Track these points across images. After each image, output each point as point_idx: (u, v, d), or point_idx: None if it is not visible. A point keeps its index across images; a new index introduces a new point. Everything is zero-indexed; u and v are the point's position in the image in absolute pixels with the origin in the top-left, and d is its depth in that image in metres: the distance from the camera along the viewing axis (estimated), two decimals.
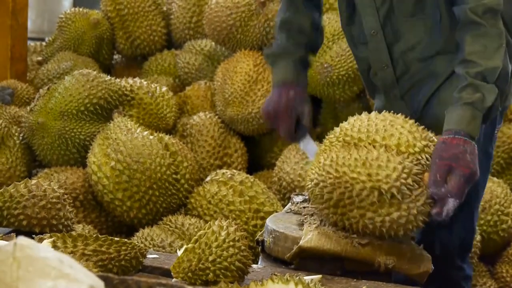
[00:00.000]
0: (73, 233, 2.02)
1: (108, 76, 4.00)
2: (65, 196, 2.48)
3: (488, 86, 2.23)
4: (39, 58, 5.08)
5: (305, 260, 2.23)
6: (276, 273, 2.05)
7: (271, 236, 2.32)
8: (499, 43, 2.26)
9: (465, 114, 2.21)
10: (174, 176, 3.60)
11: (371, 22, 2.51)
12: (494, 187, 3.89)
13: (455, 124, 2.20)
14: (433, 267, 2.25)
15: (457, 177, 2.12)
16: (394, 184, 2.09)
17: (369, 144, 2.16)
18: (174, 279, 1.94)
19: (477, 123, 2.21)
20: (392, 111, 2.26)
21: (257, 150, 4.42)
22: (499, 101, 2.26)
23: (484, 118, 2.23)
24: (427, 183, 2.12)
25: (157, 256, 2.20)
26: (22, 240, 1.25)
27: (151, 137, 3.62)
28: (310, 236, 2.21)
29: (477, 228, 3.77)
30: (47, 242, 1.92)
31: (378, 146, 2.15)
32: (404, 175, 2.10)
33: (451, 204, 2.12)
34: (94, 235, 2.00)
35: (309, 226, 2.26)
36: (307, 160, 2.68)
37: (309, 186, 2.22)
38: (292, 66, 2.64)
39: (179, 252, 1.95)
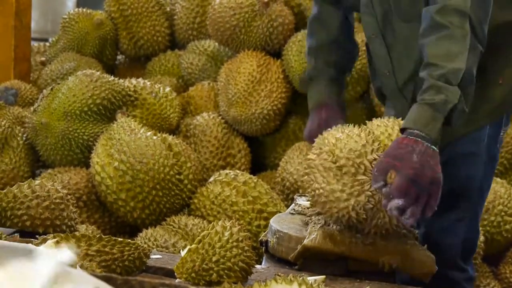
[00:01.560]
0: (77, 233, 2.02)
1: (112, 77, 4.01)
2: (69, 197, 2.48)
3: (451, 88, 2.15)
4: (43, 59, 5.09)
5: (309, 260, 2.23)
6: (279, 274, 2.05)
7: (275, 237, 2.33)
8: (463, 46, 2.18)
9: (424, 114, 2.15)
10: (177, 176, 3.60)
11: (371, 24, 2.49)
12: (497, 187, 3.89)
13: (412, 123, 2.15)
14: (436, 268, 2.25)
15: (400, 177, 2.08)
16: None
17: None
18: (177, 280, 1.94)
19: (437, 125, 2.14)
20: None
21: (261, 151, 4.42)
22: (464, 104, 2.18)
23: (447, 120, 2.16)
24: None
25: (161, 256, 2.20)
26: None
27: (154, 137, 3.62)
28: (314, 236, 2.21)
29: (480, 229, 3.78)
30: (50, 243, 1.92)
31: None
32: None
33: (393, 202, 2.09)
34: (98, 236, 2.00)
35: (313, 226, 2.26)
36: None
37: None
38: (324, 87, 2.64)
39: (183, 253, 1.95)
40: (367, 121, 2.28)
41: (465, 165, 2.46)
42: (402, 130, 2.16)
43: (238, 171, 3.69)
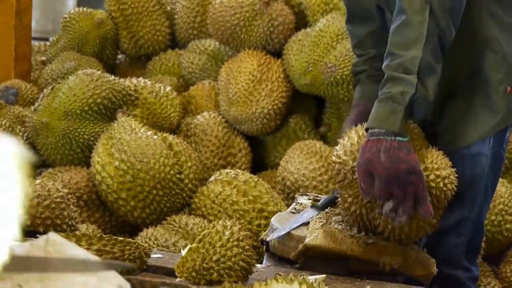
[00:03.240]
0: (77, 232, 2.02)
1: (112, 76, 4.00)
2: (69, 196, 2.48)
3: (408, 77, 2.14)
4: (43, 58, 5.09)
5: (310, 260, 2.23)
6: (280, 273, 2.05)
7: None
8: (420, 32, 2.16)
9: (383, 109, 2.14)
10: (178, 175, 3.60)
11: None
12: (498, 187, 3.88)
13: (372, 121, 2.15)
14: (437, 269, 2.25)
15: (377, 180, 2.11)
16: None
17: None
18: (178, 279, 1.94)
19: (398, 117, 2.12)
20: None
21: (261, 150, 4.42)
22: (426, 92, 2.17)
23: (408, 111, 2.15)
24: None
25: (161, 255, 2.20)
26: (53, 236, 1.28)
27: (155, 136, 3.62)
28: (315, 235, 2.21)
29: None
30: None
31: None
32: None
33: (386, 206, 2.11)
34: (98, 235, 2.00)
35: (314, 224, 2.26)
36: None
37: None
38: (368, 86, 2.59)
39: (183, 252, 1.95)
40: None
41: (471, 165, 2.44)
42: (366, 131, 2.16)
43: (238, 170, 3.69)
